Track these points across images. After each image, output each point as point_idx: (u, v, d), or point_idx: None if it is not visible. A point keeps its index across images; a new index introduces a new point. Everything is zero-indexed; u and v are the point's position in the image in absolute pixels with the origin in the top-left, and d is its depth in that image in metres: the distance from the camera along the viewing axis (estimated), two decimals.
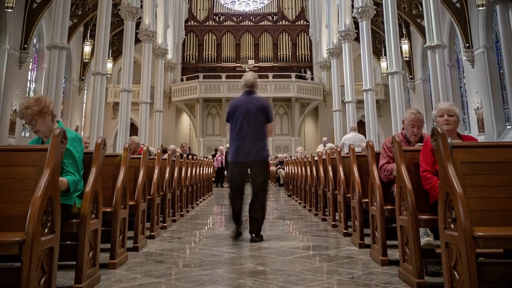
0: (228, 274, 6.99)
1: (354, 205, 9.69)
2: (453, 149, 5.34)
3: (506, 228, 4.85)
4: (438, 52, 19.51)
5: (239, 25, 51.86)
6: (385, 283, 6.27)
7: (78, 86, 39.58)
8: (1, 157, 5.29)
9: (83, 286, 5.78)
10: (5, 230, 4.76)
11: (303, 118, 48.17)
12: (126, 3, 29.64)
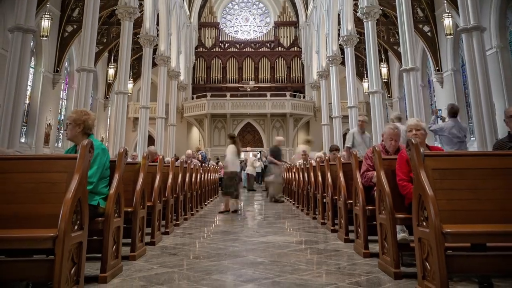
0: (232, 265, 7.02)
1: (340, 206, 9.81)
2: (425, 157, 5.38)
3: (471, 225, 4.94)
4: (412, 74, 19.55)
5: (241, 51, 51.93)
6: (366, 273, 6.35)
7: (103, 103, 39.59)
8: (37, 164, 5.35)
9: (107, 275, 5.86)
10: (40, 227, 4.80)
11: (296, 131, 48.27)
12: (144, 32, 29.70)
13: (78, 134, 6.37)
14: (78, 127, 6.39)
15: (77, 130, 6.39)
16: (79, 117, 6.41)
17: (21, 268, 4.87)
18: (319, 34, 42.56)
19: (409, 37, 19.47)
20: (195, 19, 51.33)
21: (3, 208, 4.98)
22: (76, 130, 6.38)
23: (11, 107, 13.05)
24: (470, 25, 13.86)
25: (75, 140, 6.39)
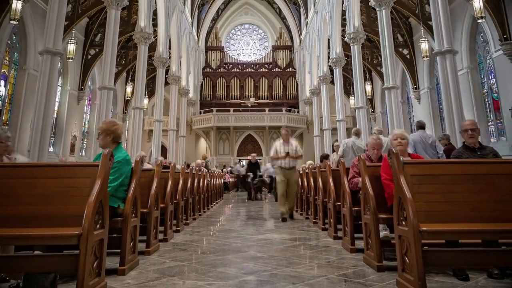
0: (235, 259, 7.05)
1: (330, 207, 9.87)
2: (404, 165, 5.40)
3: (445, 224, 4.99)
4: (393, 92, 19.57)
5: (243, 72, 52.02)
6: (353, 266, 6.40)
7: (122, 117, 39.64)
8: (64, 171, 5.38)
9: (125, 268, 5.94)
10: (66, 226, 4.82)
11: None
12: (158, 55, 29.76)
13: (109, 143, 6.49)
14: (108, 137, 6.52)
15: (108, 139, 6.51)
16: (109, 128, 6.56)
17: (50, 262, 4.88)
18: (311, 56, 42.63)
19: (390, 59, 19.49)
20: (203, 43, 51.43)
21: (34, 209, 5.00)
22: (107, 139, 6.49)
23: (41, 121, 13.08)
24: (444, 49, 13.89)
25: (107, 148, 6.40)
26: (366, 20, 28.17)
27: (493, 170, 5.38)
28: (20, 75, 23.45)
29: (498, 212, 5.06)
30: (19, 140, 22.34)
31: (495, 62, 21.66)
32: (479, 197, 5.17)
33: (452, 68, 13.91)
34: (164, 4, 29.80)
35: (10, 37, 22.20)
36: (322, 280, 5.64)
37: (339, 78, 30.09)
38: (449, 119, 13.51)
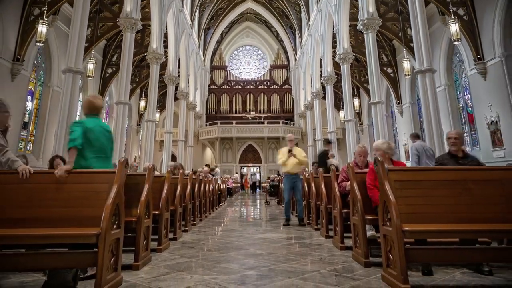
0: (237, 255, 7.08)
1: (322, 209, 9.93)
2: (388, 171, 5.43)
3: (425, 225, 5.07)
4: (379, 106, 19.58)
5: (244, 88, 52.08)
6: (343, 262, 6.45)
7: (136, 129, 39.63)
8: (85, 177, 5.43)
9: (139, 264, 6.02)
10: (86, 226, 4.88)
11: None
12: (168, 73, 29.80)
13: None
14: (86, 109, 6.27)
15: (86, 111, 6.28)
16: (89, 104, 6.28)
17: (72, 258, 4.91)
18: (306, 74, 42.70)
19: (376, 77, 19.53)
20: (208, 63, 51.52)
21: (59, 211, 5.03)
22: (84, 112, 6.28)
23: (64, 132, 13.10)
24: (424, 68, 13.91)
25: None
26: (354, 42, 28.21)
27: (468, 176, 5.41)
28: (45, 92, 23.50)
29: (473, 214, 5.11)
30: (44, 149, 22.37)
31: (470, 79, 21.72)
32: (455, 201, 5.22)
33: (431, 85, 13.93)
34: (173, 28, 29.91)
35: (36, 57, 22.26)
36: (315, 274, 5.67)
37: (330, 94, 30.12)
38: (428, 131, 13.52)
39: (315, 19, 34.89)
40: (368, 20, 20.03)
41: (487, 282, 5.28)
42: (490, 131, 19.74)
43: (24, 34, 19.67)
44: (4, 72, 18.91)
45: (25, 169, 5.22)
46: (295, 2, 42.56)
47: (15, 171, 5.28)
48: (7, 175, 5.32)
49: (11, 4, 19.00)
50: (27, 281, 5.46)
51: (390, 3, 25.36)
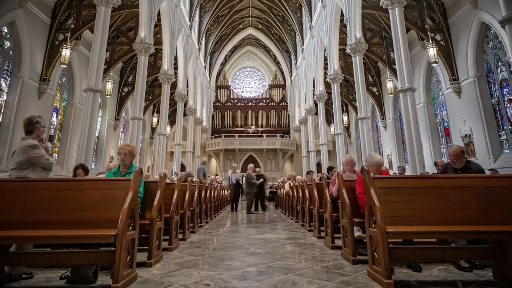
0: (239, 254, 7.09)
1: (315, 213, 9.96)
2: (374, 179, 5.46)
3: (406, 226, 5.07)
4: (365, 121, 19.62)
5: (245, 105, 52.13)
6: (333, 260, 6.47)
7: (149, 141, 39.63)
8: (104, 184, 5.48)
9: (152, 261, 6.07)
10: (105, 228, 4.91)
11: (284, 161, 48.33)
12: (178, 92, 29.87)
13: (130, 162, 6.69)
14: (131, 156, 6.72)
15: (131, 159, 6.72)
16: (132, 150, 6.77)
17: (93, 256, 4.96)
18: (300, 93, 42.76)
19: (362, 95, 19.58)
20: (213, 83, 51.62)
21: (80, 214, 5.07)
22: (129, 159, 6.69)
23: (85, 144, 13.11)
24: (405, 87, 13.94)
25: (127, 165, 6.68)
26: (343, 64, 28.29)
27: (444, 183, 5.45)
28: (68, 108, 23.55)
29: (449, 217, 5.13)
30: (68, 160, 22.40)
31: (446, 97, 21.77)
32: (433, 205, 5.24)
33: (412, 103, 13.96)
34: (183, 51, 30.00)
35: (61, 77, 22.31)
36: (308, 270, 5.68)
37: (322, 110, 30.18)
38: (409, 143, 13.54)
39: (309, 43, 35.00)
40: (356, 45, 20.11)
41: (461, 277, 5.31)
42: (464, 144, 19.77)
43: (50, 57, 19.76)
44: (32, 91, 18.98)
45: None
46: (290, 29, 42.69)
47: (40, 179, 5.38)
48: (33, 183, 5.36)
49: (38, 31, 19.12)
50: (53, 276, 5.48)
51: (375, 30, 25.45)
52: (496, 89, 18.38)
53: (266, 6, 42.48)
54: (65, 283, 5.06)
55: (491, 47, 18.54)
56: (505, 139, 17.95)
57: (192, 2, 33.18)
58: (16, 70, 18.18)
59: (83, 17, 20.60)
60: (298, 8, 38.15)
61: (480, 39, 18.84)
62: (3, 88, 17.73)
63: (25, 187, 5.23)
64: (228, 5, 41.11)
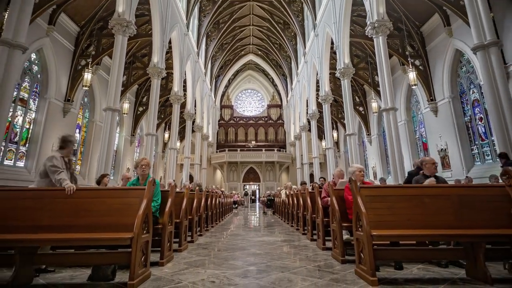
0: (241, 254, 7.11)
1: (308, 218, 9.98)
2: (360, 188, 5.49)
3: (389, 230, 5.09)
4: (352, 137, 19.65)
5: (247, 123, 52.22)
6: (324, 260, 6.50)
7: (161, 155, 39.66)
8: (121, 193, 5.55)
9: (164, 261, 6.12)
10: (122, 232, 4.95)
11: (280, 172, 48.33)
12: (186, 111, 29.92)
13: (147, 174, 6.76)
14: (149, 168, 6.86)
15: (148, 170, 6.83)
16: (149, 163, 6.92)
17: (111, 256, 4.99)
18: (295, 112, 42.81)
19: (350, 114, 19.63)
20: (218, 103, 51.72)
21: (101, 219, 5.09)
22: (148, 170, 6.83)
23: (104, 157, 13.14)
24: (388, 107, 13.97)
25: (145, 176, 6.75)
26: (333, 86, 28.36)
27: (423, 192, 5.45)
28: (90, 125, 23.60)
29: (427, 222, 5.14)
30: (89, 171, 22.42)
31: (424, 116, 21.84)
32: (413, 211, 5.24)
33: (394, 121, 14.00)
34: (191, 75, 30.10)
35: (83, 98, 22.40)
36: (302, 269, 5.70)
37: (314, 128, 30.24)
38: (392, 156, 13.56)
39: (303, 68, 35.13)
40: (344, 69, 20.20)
41: (437, 275, 5.33)
42: (440, 157, 19.84)
43: (73, 80, 19.88)
44: (57, 110, 19.08)
45: (70, 187, 5.34)
46: (286, 55, 42.90)
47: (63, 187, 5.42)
48: (57, 191, 5.39)
49: (63, 57, 19.27)
50: (75, 274, 5.49)
51: (362, 56, 25.60)
52: (468, 108, 18.48)
53: (265, 35, 42.76)
54: (87, 280, 5.08)
55: (464, 71, 18.66)
56: (476, 153, 18.02)
57: (200, 32, 33.37)
58: (44, 91, 18.31)
59: (103, 44, 20.76)
60: (293, 37, 38.37)
61: (454, 64, 18.98)
62: (32, 108, 17.82)
63: (52, 195, 5.27)
64: (231, 34, 41.38)
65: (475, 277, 5.04)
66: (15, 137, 16.81)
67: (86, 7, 19.36)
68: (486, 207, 5.17)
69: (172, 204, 6.88)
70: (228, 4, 35.56)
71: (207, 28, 34.47)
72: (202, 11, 33.73)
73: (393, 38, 20.83)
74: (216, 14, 34.89)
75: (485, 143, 17.45)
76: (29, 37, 14.73)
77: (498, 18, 14.76)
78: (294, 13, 33.94)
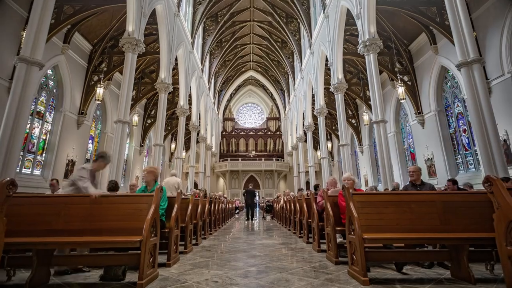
0: (242, 256, 7.11)
1: (304, 223, 10.01)
2: (353, 195, 5.51)
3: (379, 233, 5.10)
4: (345, 147, 19.67)
5: (247, 134, 52.29)
6: (319, 261, 6.49)
7: (168, 164, 39.61)
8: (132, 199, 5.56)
9: (171, 263, 6.14)
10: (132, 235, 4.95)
11: (278, 180, 48.31)
12: (192, 123, 29.96)
13: (152, 180, 6.73)
14: (153, 176, 6.81)
15: (152, 178, 6.76)
16: (153, 171, 6.87)
17: (122, 258, 5.02)
18: (292, 124, 42.84)
19: (343, 126, 19.65)
20: (221, 116, 51.78)
21: (112, 224, 5.12)
22: (152, 178, 6.78)
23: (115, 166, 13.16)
24: (378, 119, 13.99)
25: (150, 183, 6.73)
26: (328, 100, 28.38)
27: (410, 198, 5.46)
28: (102, 137, 23.65)
29: (414, 226, 5.15)
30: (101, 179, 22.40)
31: (412, 128, 21.89)
32: (401, 216, 5.25)
33: (384, 132, 14.02)
34: (196, 90, 30.19)
35: (95, 111, 22.47)
36: (299, 270, 5.70)
37: (310, 139, 30.21)
38: (382, 166, 13.56)
39: (299, 83, 35.20)
40: (338, 85, 20.26)
41: (424, 276, 5.34)
42: (427, 166, 19.88)
43: (86, 95, 19.97)
44: (72, 123, 19.16)
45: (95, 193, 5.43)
46: (284, 72, 43.05)
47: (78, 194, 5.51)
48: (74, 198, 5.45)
49: (77, 73, 19.39)
50: (89, 274, 5.52)
51: (354, 72, 25.69)
52: (453, 121, 18.55)
53: (264, 52, 42.96)
54: (99, 280, 5.10)
55: (449, 86, 18.75)
56: (460, 162, 18.08)
57: (204, 50, 33.49)
58: (59, 105, 18.39)
59: (114, 61, 20.87)
60: (291, 54, 38.53)
61: (440, 79, 19.09)
62: (48, 120, 17.89)
63: (67, 202, 5.30)
64: (233, 52, 41.57)
65: (459, 277, 5.06)
66: (33, 147, 16.87)
67: (98, 27, 19.51)
68: (469, 212, 5.19)
69: (178, 209, 6.89)
70: (230, 24, 35.76)
71: (211, 46, 34.62)
72: (206, 30, 33.89)
73: (383, 56, 20.97)
74: (219, 34, 35.07)
75: (469, 153, 17.52)
76: (46, 54, 14.83)
77: (480, 37, 14.92)
78: (291, 33, 34.10)
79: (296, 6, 29.10)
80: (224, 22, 34.37)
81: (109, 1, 16.00)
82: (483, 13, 14.92)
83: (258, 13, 35.48)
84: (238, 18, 35.75)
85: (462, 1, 9.73)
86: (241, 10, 34.70)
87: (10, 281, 5.07)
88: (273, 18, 34.65)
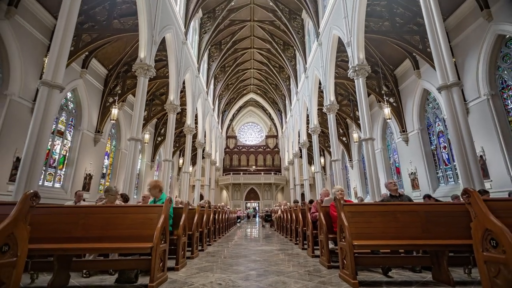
0: (243, 261, 7.11)
1: (300, 231, 9.94)
2: (344, 206, 5.53)
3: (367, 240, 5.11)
4: (337, 162, 19.66)
5: (248, 151, 52.27)
6: (313, 265, 6.50)
7: (176, 177, 39.54)
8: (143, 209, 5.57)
9: (179, 267, 6.15)
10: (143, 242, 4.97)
11: (276, 192, 48.18)
12: (198, 141, 29.99)
13: (157, 192, 6.79)
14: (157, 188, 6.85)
15: (157, 190, 6.83)
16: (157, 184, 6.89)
17: (134, 262, 5.02)
18: (289, 141, 42.84)
19: (335, 143, 19.68)
20: (224, 134, 51.80)
21: (126, 232, 5.12)
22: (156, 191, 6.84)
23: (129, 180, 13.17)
24: (367, 137, 14.02)
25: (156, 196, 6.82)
26: (321, 120, 28.43)
27: (396, 208, 5.48)
28: (116, 153, 23.70)
29: (399, 234, 5.16)
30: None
31: (397, 145, 21.96)
32: (387, 225, 5.27)
33: (372, 149, 14.04)
34: (201, 111, 30.29)
35: (111, 130, 22.55)
36: (294, 273, 5.71)
37: (305, 155, 30.20)
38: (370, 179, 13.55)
39: (295, 104, 35.32)
40: (330, 106, 20.34)
41: (408, 278, 5.36)
42: (411, 179, 19.92)
43: (102, 115, 20.08)
44: (89, 140, 19.23)
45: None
46: (281, 94, 43.21)
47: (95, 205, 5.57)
48: (91, 208, 5.49)
49: (94, 95, 19.53)
50: (104, 277, 5.52)
51: (344, 94, 25.82)
52: (434, 138, 18.63)
53: (264, 77, 43.22)
54: (114, 283, 5.11)
55: (431, 107, 18.86)
56: (441, 175, 18.12)
57: (208, 74, 33.66)
58: (78, 124, 18.49)
59: (127, 85, 21.00)
60: (287, 78, 38.73)
61: (422, 101, 19.21)
62: (68, 138, 17.97)
63: (85, 212, 5.33)
64: (235, 76, 41.82)
65: (440, 280, 5.08)
66: (54, 162, 16.92)
67: (113, 53, 19.70)
68: (449, 221, 5.22)
69: (186, 219, 6.92)
70: (232, 51, 36.00)
71: (215, 71, 34.80)
72: (210, 56, 34.11)
73: (371, 79, 21.12)
74: (223, 59, 35.30)
75: (448, 167, 17.56)
76: (66, 78, 14.95)
77: (459, 62, 15.08)
78: (288, 59, 34.35)
79: (293, 34, 29.35)
80: (227, 49, 34.63)
81: (123, 30, 16.16)
82: (462, 40, 15.10)
83: (258, 41, 35.77)
84: (240, 46, 36.01)
85: (443, 30, 9.85)
86: (242, 38, 34.98)
87: (33, 284, 5.10)
88: (272, 45, 34.95)
